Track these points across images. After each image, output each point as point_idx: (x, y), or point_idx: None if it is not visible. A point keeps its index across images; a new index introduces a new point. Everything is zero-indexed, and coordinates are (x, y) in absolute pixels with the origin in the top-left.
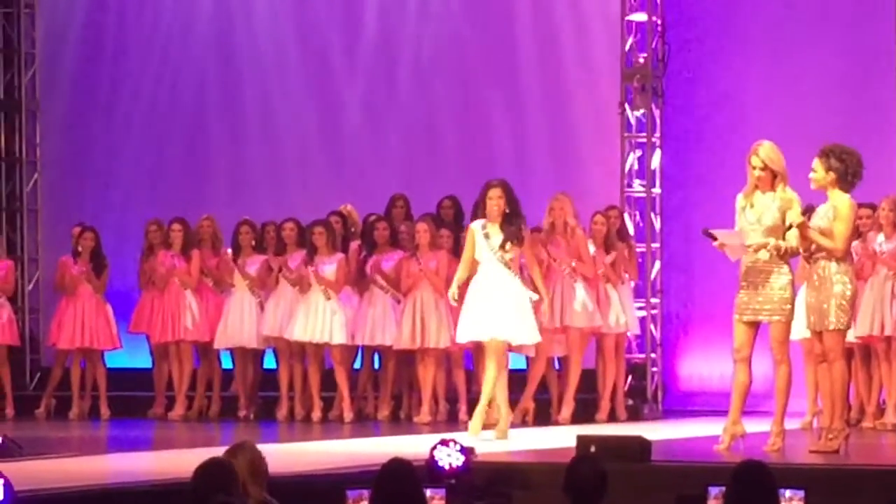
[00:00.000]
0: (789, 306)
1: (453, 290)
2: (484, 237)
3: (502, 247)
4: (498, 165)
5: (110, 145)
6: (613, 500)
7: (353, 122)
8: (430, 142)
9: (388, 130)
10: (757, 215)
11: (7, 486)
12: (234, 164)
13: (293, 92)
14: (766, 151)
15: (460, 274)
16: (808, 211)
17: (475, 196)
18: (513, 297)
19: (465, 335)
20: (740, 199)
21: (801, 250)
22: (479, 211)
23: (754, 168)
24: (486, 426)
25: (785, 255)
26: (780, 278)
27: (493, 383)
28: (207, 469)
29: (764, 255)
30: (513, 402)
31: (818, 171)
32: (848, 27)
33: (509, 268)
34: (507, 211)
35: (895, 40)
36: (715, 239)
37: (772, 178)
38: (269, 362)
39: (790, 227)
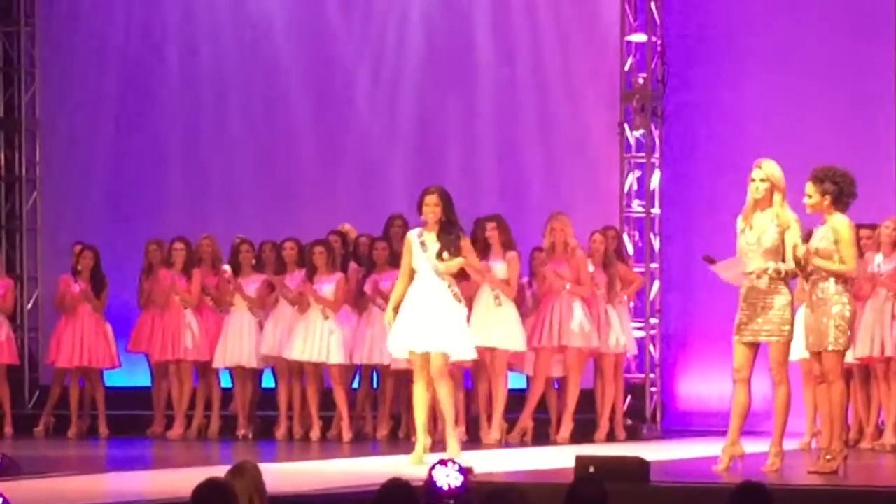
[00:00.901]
0: (788, 327)
1: (388, 315)
2: (420, 245)
3: (439, 256)
4: (496, 184)
5: (110, 164)
6: None
7: (349, 143)
8: (429, 161)
9: (388, 150)
10: (756, 236)
11: None
12: (233, 184)
13: (290, 112)
14: (768, 166)
15: (398, 287)
16: (808, 237)
17: (474, 216)
18: (447, 310)
19: (396, 347)
20: (740, 222)
21: (799, 272)
22: (476, 240)
23: (754, 180)
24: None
25: (786, 278)
26: (780, 299)
27: (449, 401)
28: (205, 490)
29: (765, 279)
30: (512, 421)
31: (813, 196)
32: (847, 47)
33: (443, 279)
34: (444, 219)
35: (895, 60)
36: (713, 262)
37: (771, 194)
38: (268, 381)
39: (796, 253)
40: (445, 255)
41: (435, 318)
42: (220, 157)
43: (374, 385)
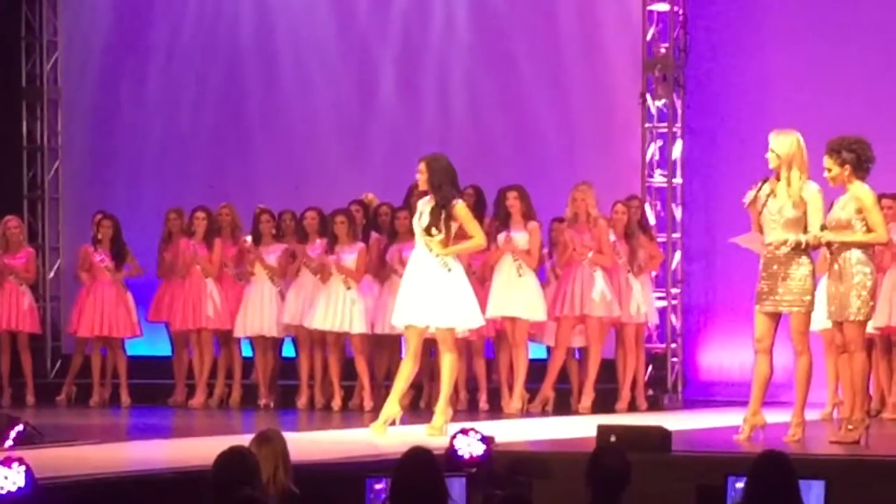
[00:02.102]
0: (809, 297)
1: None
2: (419, 215)
3: (427, 231)
4: (519, 155)
5: (132, 133)
6: (633, 489)
7: (372, 112)
8: (450, 130)
9: (409, 120)
10: (778, 206)
11: (28, 472)
12: (255, 153)
13: (315, 82)
14: (774, 139)
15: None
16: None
17: (496, 185)
18: (445, 281)
19: (399, 321)
20: (768, 185)
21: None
22: (498, 211)
23: (770, 157)
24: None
25: (807, 249)
26: (800, 269)
27: (450, 375)
28: (227, 459)
29: (784, 250)
30: (533, 391)
31: (833, 169)
32: (872, 16)
33: (430, 250)
34: (436, 189)
35: None
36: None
37: (783, 166)
38: (289, 351)
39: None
40: (434, 231)
41: (433, 291)
42: (241, 126)
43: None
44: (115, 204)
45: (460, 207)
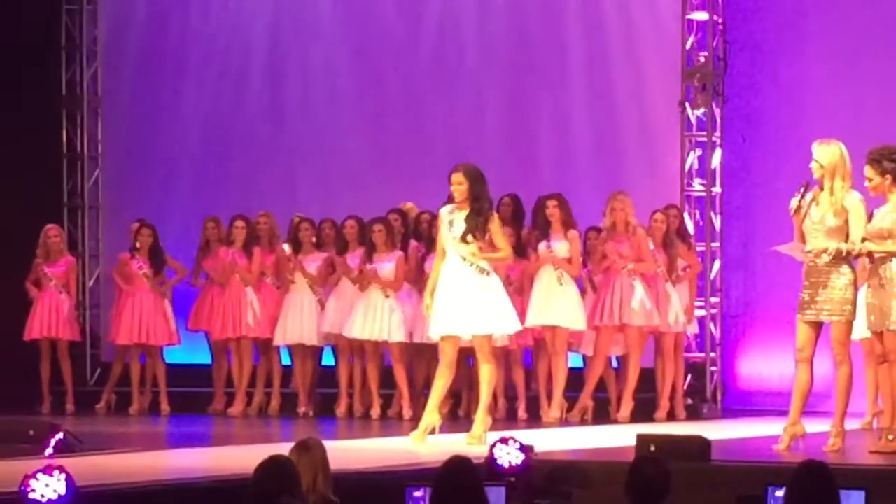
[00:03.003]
0: (850, 306)
1: (427, 298)
2: (448, 224)
3: (463, 238)
4: (557, 164)
5: (171, 141)
6: (673, 499)
7: (406, 121)
8: (488, 140)
9: (446, 130)
10: (820, 215)
11: (69, 480)
12: (296, 162)
13: (351, 92)
14: (816, 149)
15: (435, 267)
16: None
17: (534, 195)
18: (478, 288)
19: (437, 333)
20: (792, 203)
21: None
22: (538, 220)
23: (814, 167)
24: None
25: (848, 257)
26: (841, 278)
27: (489, 383)
28: (268, 468)
29: (825, 258)
30: (571, 400)
31: (874, 178)
32: None
33: (467, 259)
34: (473, 198)
35: None
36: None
37: (825, 176)
38: (328, 359)
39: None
40: (469, 237)
41: (469, 300)
42: (280, 135)
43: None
44: (153, 212)
45: (496, 219)
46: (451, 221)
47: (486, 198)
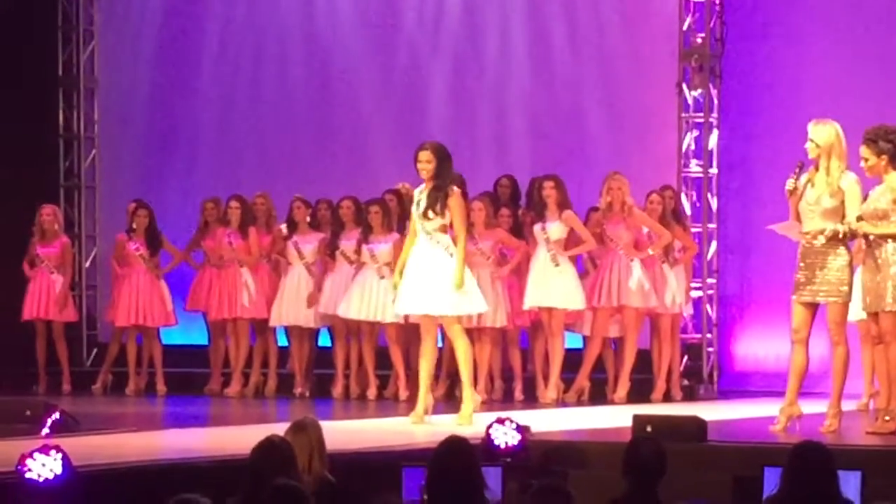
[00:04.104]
0: (846, 287)
1: (395, 276)
2: (416, 204)
3: (424, 215)
4: (554, 145)
5: (168, 122)
6: (669, 479)
7: (406, 103)
8: (483, 122)
9: (445, 110)
10: (816, 196)
11: (65, 460)
12: (291, 142)
13: (352, 72)
14: (814, 130)
15: (405, 245)
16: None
17: (531, 174)
18: (444, 268)
19: (401, 310)
20: (788, 184)
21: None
22: (532, 200)
23: (808, 141)
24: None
25: (844, 239)
26: (838, 259)
27: (463, 362)
28: (265, 448)
29: (821, 240)
30: (568, 380)
31: (870, 159)
32: None
33: (433, 237)
34: (436, 175)
35: None
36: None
37: (821, 156)
38: (325, 340)
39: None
40: (430, 213)
41: (434, 279)
42: (280, 116)
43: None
44: (150, 192)
45: (456, 197)
46: (419, 201)
47: (448, 175)
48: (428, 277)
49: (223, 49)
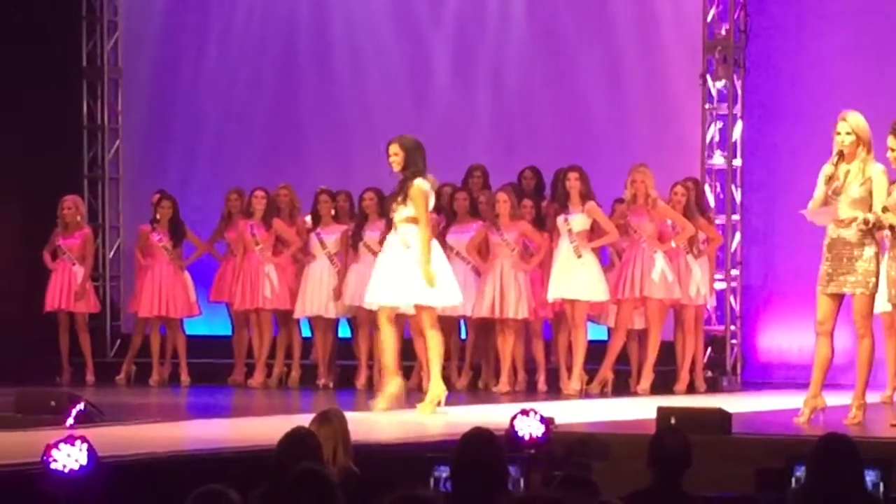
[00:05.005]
0: (874, 279)
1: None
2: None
3: (390, 206)
4: (578, 137)
5: (192, 113)
6: (694, 471)
7: (424, 93)
8: (507, 115)
9: (462, 103)
10: (843, 187)
11: (91, 450)
12: (316, 134)
13: (372, 67)
14: (853, 118)
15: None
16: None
17: (555, 166)
18: (398, 262)
19: (367, 299)
20: (826, 168)
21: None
22: (557, 192)
23: (840, 134)
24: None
25: (872, 229)
26: (865, 251)
27: (432, 353)
28: (292, 439)
29: (853, 229)
30: (592, 372)
31: None
32: None
33: (397, 228)
34: (405, 166)
35: None
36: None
37: (857, 146)
38: (344, 331)
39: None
40: (394, 205)
41: (396, 270)
42: (304, 107)
43: (462, 336)
44: (174, 183)
45: (416, 187)
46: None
47: (416, 165)
48: (391, 269)
49: (248, 39)
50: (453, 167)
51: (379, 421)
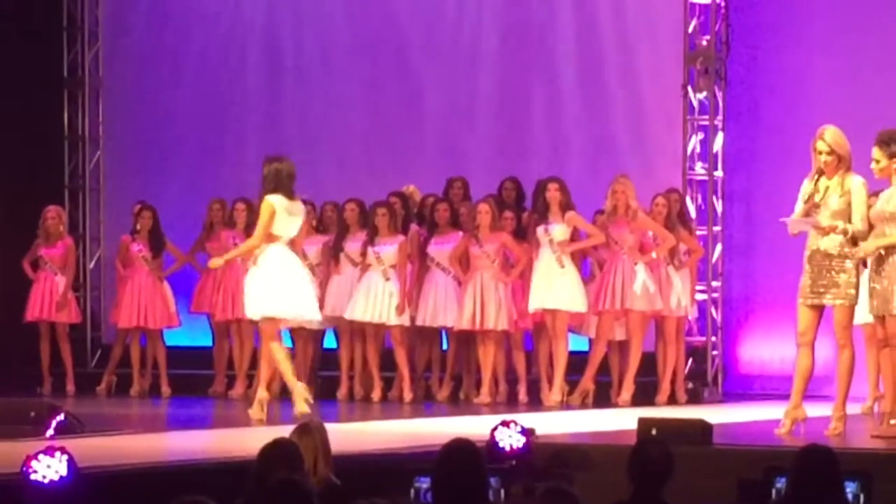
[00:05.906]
0: (854, 290)
1: None
2: None
3: None
4: (559, 148)
5: (173, 124)
6: (675, 482)
7: (401, 108)
8: (487, 125)
9: (449, 113)
10: (824, 199)
11: (70, 461)
12: (299, 145)
13: (350, 77)
14: (831, 136)
15: None
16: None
17: (536, 177)
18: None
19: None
20: (806, 185)
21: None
22: (537, 203)
23: (820, 153)
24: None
25: (852, 240)
26: (845, 262)
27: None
28: (272, 450)
29: (833, 241)
30: (572, 383)
31: (881, 161)
32: None
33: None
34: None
35: None
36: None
37: (837, 163)
38: (330, 342)
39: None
40: None
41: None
42: (287, 117)
43: (443, 347)
44: (154, 194)
45: (262, 205)
46: None
47: (267, 187)
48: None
49: (228, 50)
50: (430, 177)
51: (360, 432)
